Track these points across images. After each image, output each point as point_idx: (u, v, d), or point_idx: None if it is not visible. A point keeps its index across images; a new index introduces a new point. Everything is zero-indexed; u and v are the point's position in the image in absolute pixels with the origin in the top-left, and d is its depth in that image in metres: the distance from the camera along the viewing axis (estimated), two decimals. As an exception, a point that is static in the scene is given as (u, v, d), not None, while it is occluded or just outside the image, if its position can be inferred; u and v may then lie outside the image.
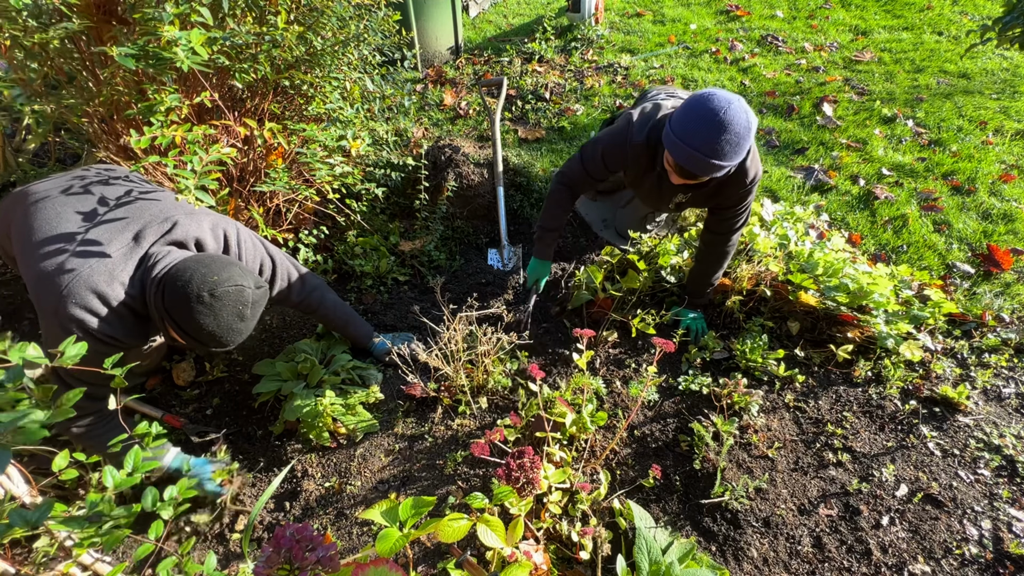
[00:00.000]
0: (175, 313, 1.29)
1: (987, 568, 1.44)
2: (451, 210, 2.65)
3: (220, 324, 1.31)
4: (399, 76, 2.76)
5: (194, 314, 1.27)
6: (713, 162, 1.44)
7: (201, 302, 1.26)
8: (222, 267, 1.32)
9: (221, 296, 1.28)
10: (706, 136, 1.42)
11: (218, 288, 1.28)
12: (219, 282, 1.28)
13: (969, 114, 3.29)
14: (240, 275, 1.34)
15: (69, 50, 1.70)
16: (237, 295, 1.31)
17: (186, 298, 1.26)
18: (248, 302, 1.35)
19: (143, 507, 0.90)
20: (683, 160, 1.48)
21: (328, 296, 1.88)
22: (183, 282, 1.27)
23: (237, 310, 1.32)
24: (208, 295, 1.27)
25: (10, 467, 1.35)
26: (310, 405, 1.70)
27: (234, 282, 1.31)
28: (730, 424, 1.71)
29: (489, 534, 1.15)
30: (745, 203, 1.79)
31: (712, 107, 1.41)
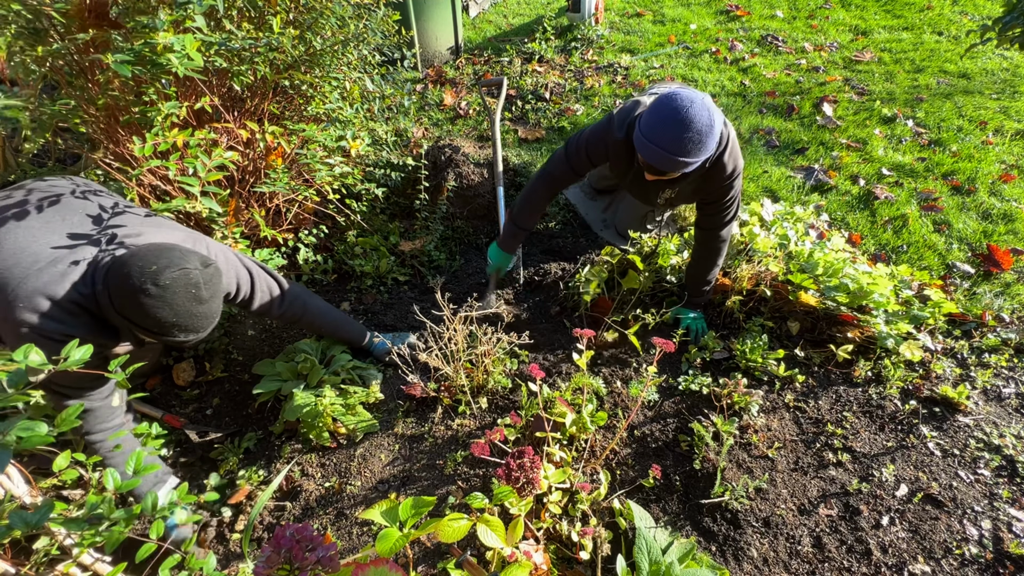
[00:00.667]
0: (128, 312, 1.23)
1: (987, 568, 1.44)
2: (451, 210, 2.65)
3: (178, 313, 1.24)
4: (399, 76, 2.76)
5: (147, 308, 1.21)
6: (678, 159, 1.48)
7: (148, 295, 1.20)
8: (160, 254, 1.24)
9: (167, 284, 1.21)
10: (670, 135, 1.46)
11: (161, 276, 1.20)
12: (160, 269, 1.20)
13: (969, 114, 3.29)
14: (181, 257, 1.26)
15: (65, 54, 1.70)
16: (184, 279, 1.24)
17: (132, 293, 1.20)
18: (199, 283, 1.27)
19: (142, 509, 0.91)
20: (649, 157, 1.53)
21: (312, 303, 1.84)
22: (123, 276, 1.21)
23: (190, 294, 1.26)
24: (153, 286, 1.19)
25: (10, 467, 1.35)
26: (310, 405, 1.70)
27: (177, 266, 1.23)
28: (730, 424, 1.71)
29: (489, 534, 1.15)
30: (729, 197, 1.81)
31: (675, 106, 1.45)
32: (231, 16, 1.75)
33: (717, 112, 1.49)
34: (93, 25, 1.57)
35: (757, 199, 2.54)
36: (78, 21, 1.56)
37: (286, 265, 2.33)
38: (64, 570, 1.18)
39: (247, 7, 1.82)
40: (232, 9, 1.77)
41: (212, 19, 1.78)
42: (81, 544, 0.86)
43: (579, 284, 2.24)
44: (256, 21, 1.89)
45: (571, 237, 2.66)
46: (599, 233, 2.66)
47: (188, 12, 1.45)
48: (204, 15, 1.52)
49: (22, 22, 1.57)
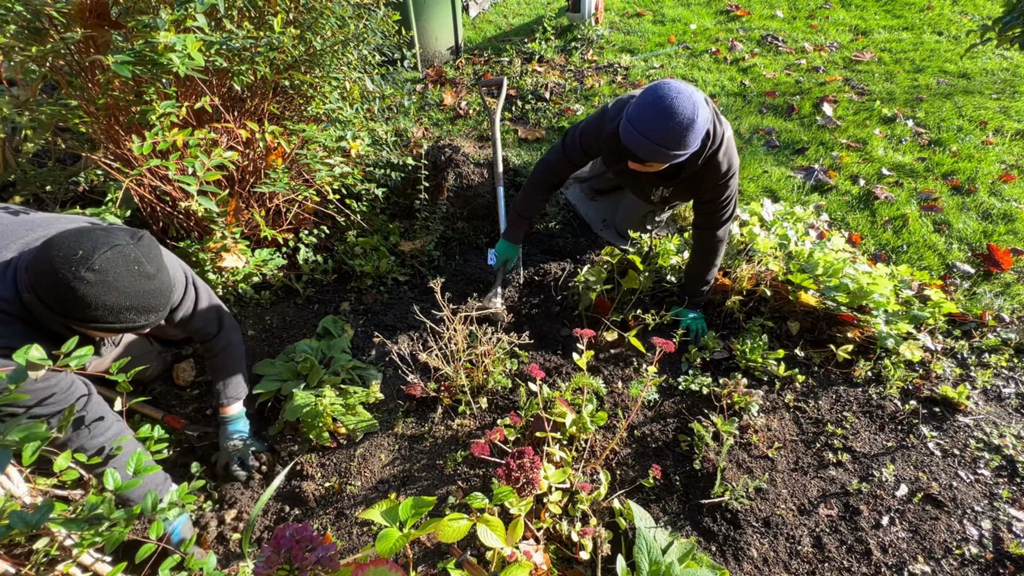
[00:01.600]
0: (70, 310, 1.08)
1: (987, 568, 1.44)
2: (451, 210, 2.65)
3: (128, 294, 1.11)
4: (399, 76, 2.76)
5: (89, 299, 1.06)
6: (657, 148, 1.49)
7: (86, 283, 1.04)
8: (80, 237, 1.07)
9: (103, 267, 1.06)
10: (653, 124, 1.47)
11: (92, 260, 1.05)
12: (87, 253, 1.05)
13: (969, 114, 3.29)
14: (106, 235, 1.10)
15: (65, 54, 1.70)
16: (119, 256, 1.09)
17: (66, 288, 1.04)
18: (138, 257, 1.12)
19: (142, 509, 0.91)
20: (628, 142, 1.53)
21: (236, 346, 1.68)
22: (49, 273, 1.05)
23: (133, 271, 1.11)
24: (88, 272, 1.05)
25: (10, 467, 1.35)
26: (310, 405, 1.70)
27: (106, 244, 1.08)
28: (730, 424, 1.71)
29: (489, 534, 1.15)
30: (725, 196, 1.81)
31: (660, 95, 1.46)
32: (231, 16, 1.75)
33: (704, 108, 1.48)
34: (94, 25, 1.57)
35: (757, 199, 2.54)
36: (78, 21, 1.56)
37: (286, 265, 2.33)
38: (64, 570, 1.18)
39: (247, 7, 1.82)
40: (232, 9, 1.77)
41: (212, 19, 1.78)
42: (81, 544, 0.86)
43: (579, 284, 2.24)
44: (256, 21, 1.89)
45: (571, 237, 2.66)
46: (599, 233, 2.66)
47: (189, 11, 1.45)
48: (205, 14, 1.51)
49: (22, 22, 1.57)
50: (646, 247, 2.31)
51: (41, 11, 1.54)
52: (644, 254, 2.27)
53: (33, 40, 1.58)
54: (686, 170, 1.72)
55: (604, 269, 2.25)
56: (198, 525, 1.64)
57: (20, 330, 1.15)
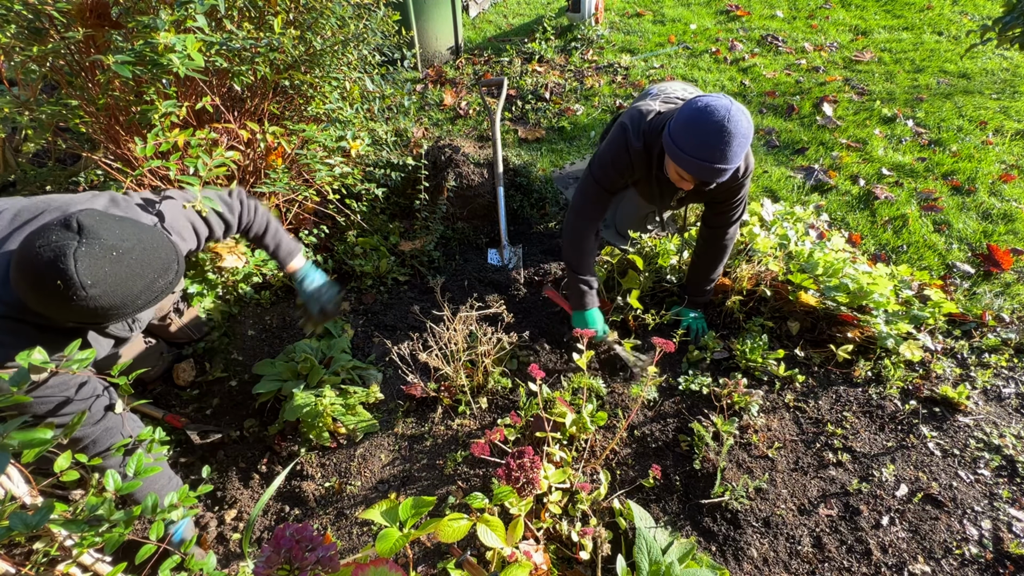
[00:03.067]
0: (90, 321, 1.03)
1: (987, 568, 1.44)
2: (451, 210, 2.65)
3: (131, 275, 1.03)
4: (399, 76, 2.77)
5: (105, 305, 1.00)
6: (723, 167, 1.49)
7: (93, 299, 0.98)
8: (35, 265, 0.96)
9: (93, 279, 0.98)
10: (714, 147, 1.46)
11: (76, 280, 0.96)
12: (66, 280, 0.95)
13: (969, 114, 3.29)
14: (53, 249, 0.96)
15: (65, 54, 1.70)
16: (90, 257, 0.98)
17: (81, 312, 0.99)
18: (104, 244, 1.00)
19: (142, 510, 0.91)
20: (696, 172, 1.52)
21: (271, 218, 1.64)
22: (53, 307, 0.98)
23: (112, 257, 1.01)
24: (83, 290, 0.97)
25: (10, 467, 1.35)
26: (310, 405, 1.70)
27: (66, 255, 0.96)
28: (730, 424, 1.71)
29: (489, 534, 1.15)
30: (740, 196, 1.81)
31: (715, 119, 1.44)
32: (232, 16, 1.75)
33: (749, 114, 1.50)
34: (94, 25, 1.57)
35: (757, 199, 2.54)
36: (78, 21, 1.56)
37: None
38: (64, 570, 1.18)
39: (248, 7, 1.82)
40: (233, 9, 1.77)
41: (213, 19, 1.78)
42: (81, 545, 0.86)
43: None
44: (256, 21, 1.89)
45: (571, 237, 2.66)
46: (599, 233, 2.66)
47: (189, 12, 1.45)
48: (205, 15, 1.51)
49: (22, 22, 1.57)
50: (646, 247, 2.31)
51: (41, 11, 1.54)
52: (644, 254, 2.27)
53: (33, 40, 1.58)
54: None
55: (604, 269, 2.25)
56: (198, 525, 1.64)
57: (34, 336, 1.09)
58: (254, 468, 1.78)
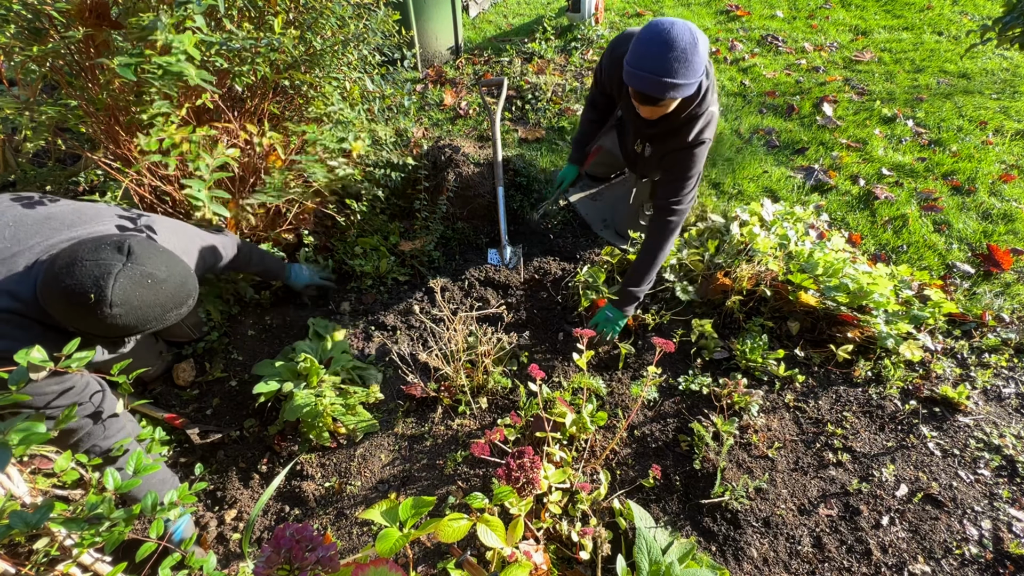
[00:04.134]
0: (112, 334, 1.14)
1: (987, 568, 1.44)
2: (451, 210, 2.65)
3: (158, 303, 1.15)
4: (399, 76, 2.76)
5: (127, 324, 1.11)
6: (665, 80, 1.52)
7: (117, 316, 1.09)
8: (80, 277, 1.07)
9: (122, 298, 1.09)
10: (654, 57, 1.51)
11: (108, 297, 1.07)
12: (99, 294, 1.06)
13: (969, 114, 3.29)
14: (99, 265, 1.09)
15: (65, 54, 1.70)
16: (128, 279, 1.10)
17: (105, 327, 1.09)
18: (143, 271, 1.13)
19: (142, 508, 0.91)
20: (638, 85, 1.57)
21: (254, 250, 1.89)
22: (77, 316, 1.08)
23: (147, 284, 1.13)
24: (110, 308, 1.08)
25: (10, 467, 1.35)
26: (310, 405, 1.70)
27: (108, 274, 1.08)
28: (730, 424, 1.71)
29: (489, 534, 1.15)
30: (689, 170, 1.82)
31: (656, 30, 1.50)
32: (231, 16, 1.75)
33: (698, 31, 1.52)
34: (93, 25, 1.57)
35: (757, 199, 2.54)
36: (78, 21, 1.56)
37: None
38: (64, 570, 1.18)
39: (247, 7, 1.82)
40: (232, 9, 1.77)
41: (212, 19, 1.78)
42: (81, 544, 0.86)
43: (579, 284, 2.24)
44: (256, 21, 1.89)
45: (571, 237, 2.66)
46: (599, 233, 2.66)
47: (188, 12, 1.44)
48: (204, 15, 1.51)
49: (22, 22, 1.57)
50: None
51: (41, 11, 1.54)
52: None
53: (33, 40, 1.58)
54: (669, 120, 1.77)
55: (604, 269, 2.25)
56: (198, 524, 1.64)
57: (38, 333, 1.16)
58: (254, 468, 1.78)
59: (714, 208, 2.65)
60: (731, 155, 3.05)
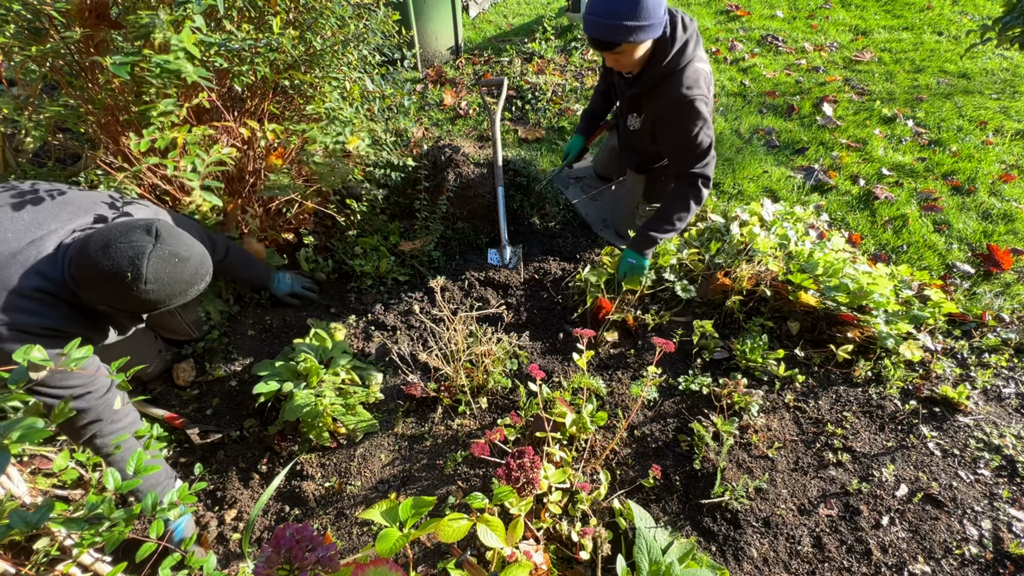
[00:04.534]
0: (139, 310, 1.27)
1: (987, 568, 1.44)
2: (451, 210, 2.65)
3: (182, 279, 1.29)
4: (399, 76, 2.76)
5: (156, 299, 1.24)
6: (613, 23, 1.59)
7: (150, 292, 1.23)
8: (117, 256, 1.20)
9: (156, 276, 1.23)
10: (605, 1, 1.59)
11: (144, 274, 1.21)
12: (136, 273, 1.20)
13: (969, 114, 3.29)
14: (132, 246, 1.22)
15: (64, 54, 1.70)
16: (160, 259, 1.24)
17: (138, 303, 1.23)
18: (171, 250, 1.27)
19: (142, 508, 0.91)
20: (591, 31, 1.65)
21: (237, 252, 1.94)
22: (111, 292, 1.22)
23: (174, 263, 1.27)
24: (145, 285, 1.21)
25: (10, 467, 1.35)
26: (310, 405, 1.70)
27: (142, 254, 1.22)
28: (730, 424, 1.71)
29: (489, 534, 1.15)
30: (687, 132, 1.84)
31: None
32: (231, 16, 1.75)
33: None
34: (93, 25, 1.57)
35: (757, 199, 2.54)
36: (78, 21, 1.56)
37: (286, 265, 2.33)
38: (64, 570, 1.18)
39: (247, 7, 1.82)
40: (232, 9, 1.76)
41: (212, 19, 1.78)
42: (81, 544, 0.86)
43: (579, 284, 2.24)
44: (256, 21, 1.88)
45: (571, 237, 2.66)
46: (599, 233, 2.66)
47: (187, 12, 1.44)
48: (204, 15, 1.51)
49: (22, 22, 1.57)
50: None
51: (41, 11, 1.54)
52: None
53: (33, 40, 1.58)
54: (649, 75, 1.81)
55: (604, 269, 2.25)
56: (198, 524, 1.64)
57: (65, 313, 1.29)
58: (254, 468, 1.78)
59: (714, 208, 2.65)
60: (731, 155, 3.05)
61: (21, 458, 1.59)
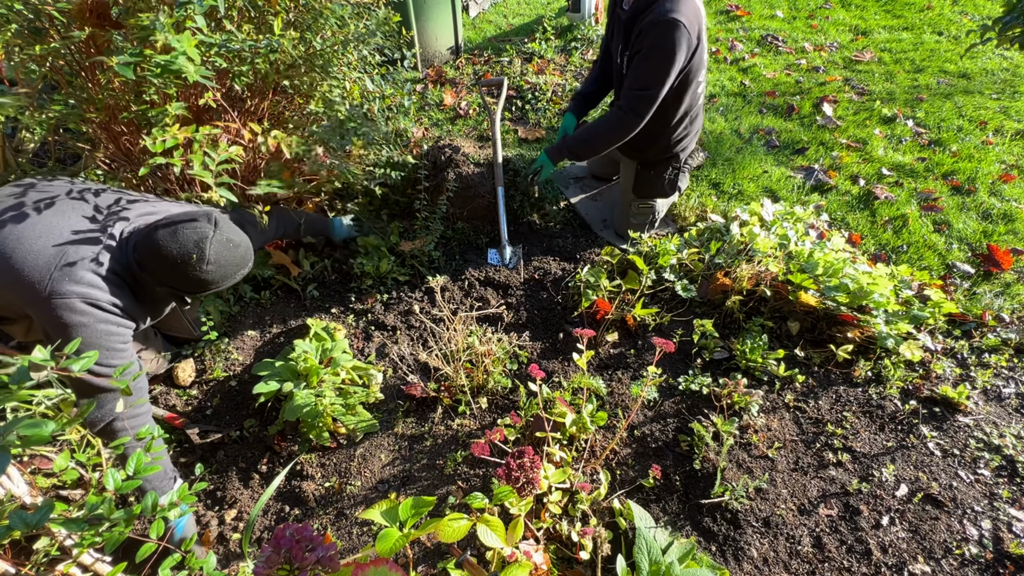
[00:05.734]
0: (198, 290, 1.43)
1: (987, 568, 1.44)
2: (451, 210, 2.64)
3: (235, 263, 1.46)
4: (399, 76, 2.76)
5: (214, 280, 1.41)
6: None
7: (210, 273, 1.38)
8: (185, 240, 1.36)
9: (216, 258, 1.39)
10: None
11: (207, 256, 1.37)
12: (200, 255, 1.36)
13: (969, 114, 3.29)
14: (196, 231, 1.39)
15: (65, 54, 1.70)
16: (220, 244, 1.41)
17: (198, 283, 1.39)
18: (228, 236, 1.44)
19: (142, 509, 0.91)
20: None
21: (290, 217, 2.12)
22: (175, 274, 1.37)
23: (230, 247, 1.44)
24: (208, 266, 1.37)
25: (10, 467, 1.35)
26: (310, 405, 1.70)
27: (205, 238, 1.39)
28: (730, 424, 1.71)
29: (489, 534, 1.15)
30: (651, 47, 1.90)
31: None
32: (231, 16, 1.75)
33: None
34: (94, 25, 1.57)
35: (757, 199, 2.54)
36: (79, 20, 1.56)
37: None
38: (64, 570, 1.18)
39: (247, 8, 1.82)
40: (232, 10, 1.76)
41: (213, 19, 1.78)
42: (81, 544, 0.86)
43: (579, 284, 2.24)
44: (256, 21, 1.88)
45: (571, 237, 2.66)
46: (599, 233, 2.66)
47: (188, 12, 1.44)
48: (204, 15, 1.51)
49: (23, 21, 1.57)
50: (646, 247, 2.31)
51: (41, 11, 1.54)
52: (644, 254, 2.27)
53: (34, 40, 1.58)
54: (638, 20, 1.92)
55: (604, 269, 2.25)
56: (198, 524, 1.64)
57: (128, 294, 1.43)
58: (254, 468, 1.78)
59: (714, 208, 2.65)
60: (731, 155, 3.05)
61: (21, 458, 1.59)
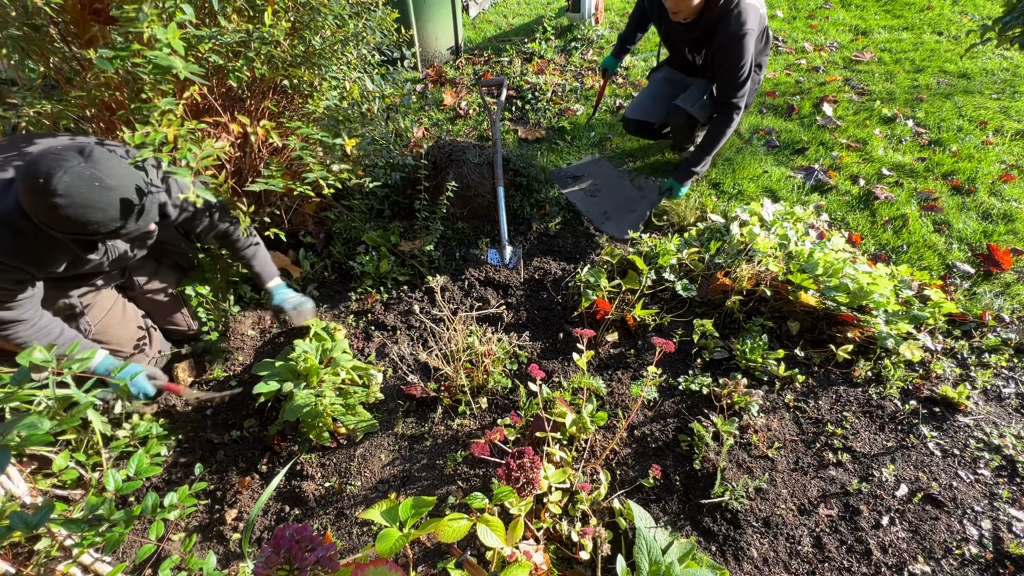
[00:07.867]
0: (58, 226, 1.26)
1: (987, 568, 1.44)
2: (451, 210, 2.65)
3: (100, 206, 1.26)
4: (399, 76, 2.76)
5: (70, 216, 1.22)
6: None
7: (60, 206, 1.21)
8: (36, 167, 1.21)
9: (66, 190, 1.21)
10: None
11: (53, 185, 1.20)
12: (46, 181, 1.20)
13: (969, 114, 3.29)
14: (57, 159, 1.22)
15: (62, 49, 1.69)
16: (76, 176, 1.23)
17: (48, 213, 1.22)
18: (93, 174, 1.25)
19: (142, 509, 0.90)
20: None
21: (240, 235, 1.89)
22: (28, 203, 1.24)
23: (94, 186, 1.25)
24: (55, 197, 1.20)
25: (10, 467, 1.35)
26: (310, 405, 1.70)
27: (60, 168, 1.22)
28: (730, 424, 1.71)
29: (489, 534, 1.15)
30: (737, 61, 2.19)
31: None
32: (225, 11, 1.75)
33: None
34: (87, 20, 1.57)
35: (757, 199, 2.54)
36: (72, 16, 1.55)
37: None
38: (64, 570, 1.18)
39: (246, 7, 1.81)
40: (229, 7, 1.76)
41: (207, 15, 1.77)
42: (81, 544, 0.86)
43: (579, 284, 2.24)
44: (256, 21, 1.88)
45: (571, 237, 2.66)
46: (600, 227, 2.67)
47: (176, 1, 1.43)
48: (197, 11, 1.50)
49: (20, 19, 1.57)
50: (646, 247, 2.31)
51: (39, 8, 1.54)
52: (644, 254, 2.27)
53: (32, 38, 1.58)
54: (704, 20, 2.17)
55: (604, 269, 2.25)
56: (198, 523, 1.64)
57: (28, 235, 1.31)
58: (254, 468, 1.78)
59: (714, 208, 2.65)
60: (731, 155, 3.05)
61: (21, 458, 1.59)
